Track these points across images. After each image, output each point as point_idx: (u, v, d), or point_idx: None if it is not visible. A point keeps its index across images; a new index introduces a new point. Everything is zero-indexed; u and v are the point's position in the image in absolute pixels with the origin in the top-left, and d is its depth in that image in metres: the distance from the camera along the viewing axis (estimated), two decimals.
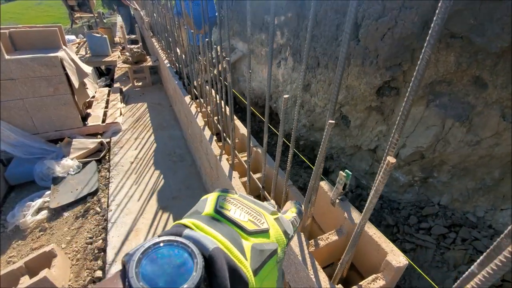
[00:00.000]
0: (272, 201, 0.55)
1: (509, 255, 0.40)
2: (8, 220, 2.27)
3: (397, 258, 1.02)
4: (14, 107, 2.79)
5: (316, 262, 1.04)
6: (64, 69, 2.88)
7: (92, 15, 8.80)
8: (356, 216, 1.19)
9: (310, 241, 1.14)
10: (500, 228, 1.76)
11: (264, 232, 0.36)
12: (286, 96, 0.96)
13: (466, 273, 0.55)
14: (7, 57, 2.60)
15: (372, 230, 1.12)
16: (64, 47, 3.10)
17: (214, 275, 0.28)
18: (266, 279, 0.33)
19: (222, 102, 1.75)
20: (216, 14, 1.50)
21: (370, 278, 1.02)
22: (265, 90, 3.57)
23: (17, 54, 2.73)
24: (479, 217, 1.85)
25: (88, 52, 5.55)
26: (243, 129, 1.99)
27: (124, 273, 0.27)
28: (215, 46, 1.63)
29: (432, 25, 0.54)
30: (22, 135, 2.84)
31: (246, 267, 0.30)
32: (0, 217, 2.35)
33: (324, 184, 1.34)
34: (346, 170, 1.07)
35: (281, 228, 0.39)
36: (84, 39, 6.51)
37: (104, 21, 9.14)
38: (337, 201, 1.23)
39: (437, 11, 0.52)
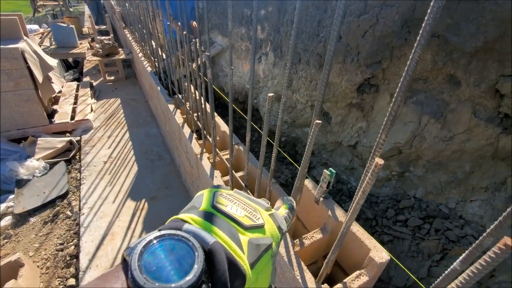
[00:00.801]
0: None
1: (494, 254, 0.40)
2: None
3: (380, 254, 1.03)
4: None
5: (302, 263, 1.03)
6: (26, 62, 2.65)
7: (57, 3, 8.24)
8: (340, 213, 1.20)
9: (295, 241, 1.13)
10: (470, 218, 1.87)
11: (259, 227, 0.37)
12: (270, 94, 0.93)
13: (449, 269, 0.56)
14: None
15: (355, 227, 1.13)
16: (25, 37, 2.85)
17: (214, 268, 0.28)
18: (261, 272, 0.34)
19: (202, 98, 1.68)
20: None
21: (354, 275, 1.03)
22: (245, 85, 3.53)
23: None
24: (451, 208, 1.95)
25: (53, 43, 5.17)
26: (224, 126, 1.94)
27: (125, 266, 0.27)
28: (194, 40, 1.56)
29: (423, 24, 0.53)
30: None
31: (244, 260, 0.31)
32: None
33: (308, 182, 1.33)
34: (330, 169, 1.06)
35: (275, 223, 0.40)
36: (48, 29, 6.06)
37: (71, 9, 8.57)
38: (321, 199, 1.23)
39: (429, 10, 0.51)
